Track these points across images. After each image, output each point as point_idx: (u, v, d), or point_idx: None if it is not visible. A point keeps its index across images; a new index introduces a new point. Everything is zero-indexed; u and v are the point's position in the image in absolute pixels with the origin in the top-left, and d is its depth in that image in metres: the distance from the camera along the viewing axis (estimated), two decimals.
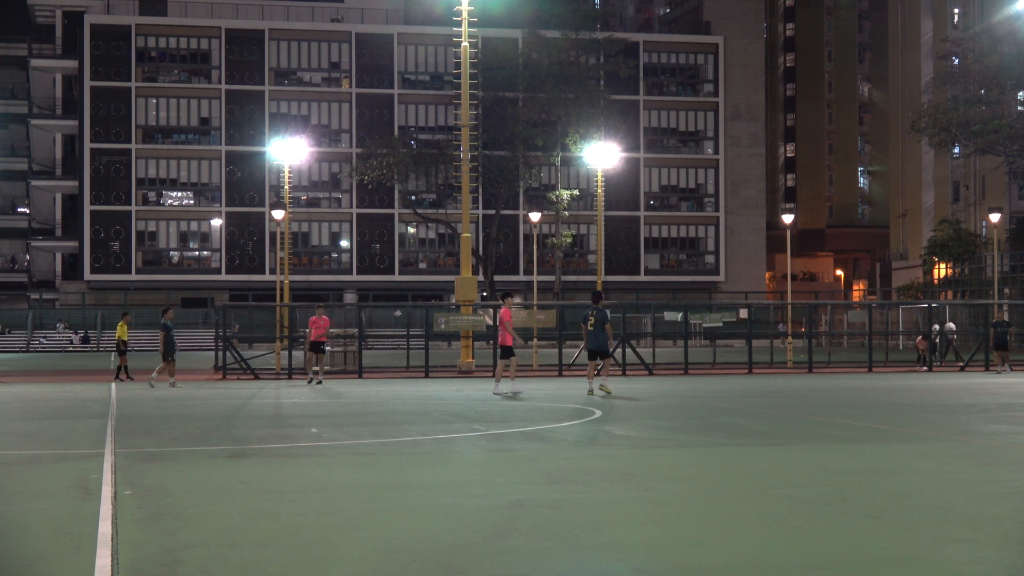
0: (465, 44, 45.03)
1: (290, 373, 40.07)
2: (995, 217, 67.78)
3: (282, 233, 69.84)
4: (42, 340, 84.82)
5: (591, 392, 27.76)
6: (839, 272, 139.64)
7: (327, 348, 37.68)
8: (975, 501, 11.28)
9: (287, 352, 42.48)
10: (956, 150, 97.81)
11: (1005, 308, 45.80)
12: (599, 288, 41.26)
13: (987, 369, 43.34)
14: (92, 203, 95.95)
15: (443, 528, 9.76)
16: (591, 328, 28.13)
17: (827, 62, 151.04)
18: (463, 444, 17.05)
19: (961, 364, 45.98)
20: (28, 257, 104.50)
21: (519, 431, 18.78)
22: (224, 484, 12.67)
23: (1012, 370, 42.05)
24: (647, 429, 19.46)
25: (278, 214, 64.04)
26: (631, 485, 12.49)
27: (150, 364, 39.16)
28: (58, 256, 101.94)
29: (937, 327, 49.28)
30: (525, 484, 12.49)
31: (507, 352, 29.08)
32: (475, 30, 45.58)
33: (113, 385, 34.23)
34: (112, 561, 8.35)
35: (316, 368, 36.00)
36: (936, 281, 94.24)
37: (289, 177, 69.65)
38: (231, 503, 11.30)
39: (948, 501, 11.33)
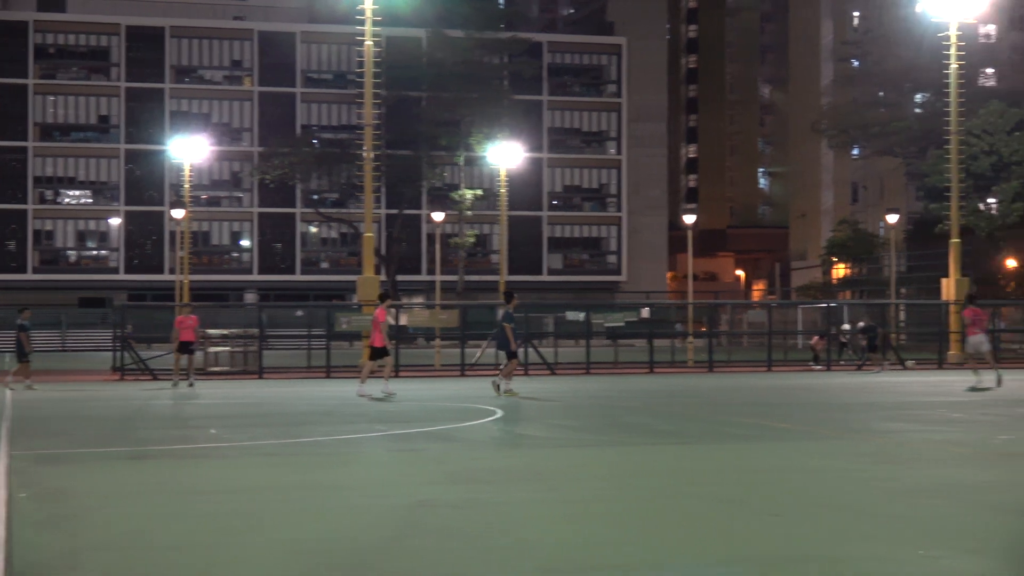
0: (369, 43, 44.90)
1: (188, 373, 39.75)
2: (893, 218, 68.71)
3: (182, 232, 69.32)
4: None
5: (509, 393, 27.65)
6: (740, 272, 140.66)
7: (195, 349, 36.24)
8: (873, 498, 11.43)
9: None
10: (855, 151, 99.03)
11: (866, 314, 46.31)
12: (503, 288, 41.33)
13: (859, 369, 44.13)
14: None
15: (349, 529, 9.74)
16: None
17: (729, 64, 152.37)
18: (366, 444, 17.06)
19: (859, 363, 46.55)
20: None
21: (423, 431, 18.78)
22: (126, 486, 12.56)
23: (884, 370, 42.59)
24: (551, 428, 19.54)
25: (178, 213, 63.56)
26: (537, 485, 12.53)
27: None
28: None
29: (848, 327, 49.87)
30: (430, 484, 12.49)
31: (379, 353, 28.36)
32: (379, 29, 45.49)
33: (9, 386, 33.75)
34: (7, 564, 8.23)
35: (184, 369, 35.02)
36: (835, 281, 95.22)
37: (190, 176, 69.15)
38: (134, 505, 11.18)
39: (847, 498, 11.48)
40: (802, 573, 8.09)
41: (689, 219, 68.04)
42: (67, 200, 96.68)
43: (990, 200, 74.62)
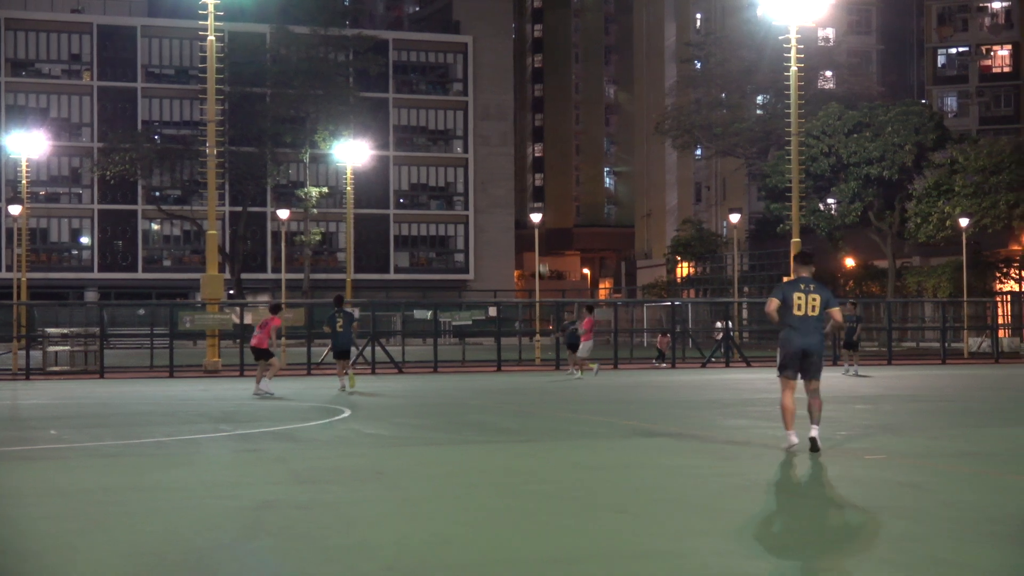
0: (211, 38, 44.45)
1: (27, 374, 39.08)
2: (735, 217, 69.74)
3: (19, 229, 67.98)
4: None
5: (343, 389, 27.76)
6: (586, 271, 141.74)
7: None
8: (716, 494, 11.60)
9: (24, 352, 41.47)
10: (699, 152, 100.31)
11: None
12: (346, 288, 41.18)
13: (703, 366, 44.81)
14: None
15: (190, 530, 9.62)
16: (340, 329, 28.13)
17: (574, 64, 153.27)
18: (210, 445, 16.87)
19: (703, 361, 47.18)
20: None
21: (267, 431, 18.66)
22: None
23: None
24: (397, 427, 19.54)
25: (15, 209, 62.30)
26: (381, 484, 12.52)
27: None
28: None
29: (720, 324, 50.70)
30: (273, 484, 12.41)
31: (264, 355, 28.29)
32: (222, 24, 45.15)
33: None
34: None
35: None
36: (679, 279, 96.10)
37: (27, 171, 67.80)
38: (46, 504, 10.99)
39: (691, 494, 11.65)
40: (646, 569, 8.17)
41: (536, 217, 68.22)
42: None
43: (829, 200, 75.92)
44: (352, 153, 65.56)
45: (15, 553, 8.78)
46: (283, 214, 71.43)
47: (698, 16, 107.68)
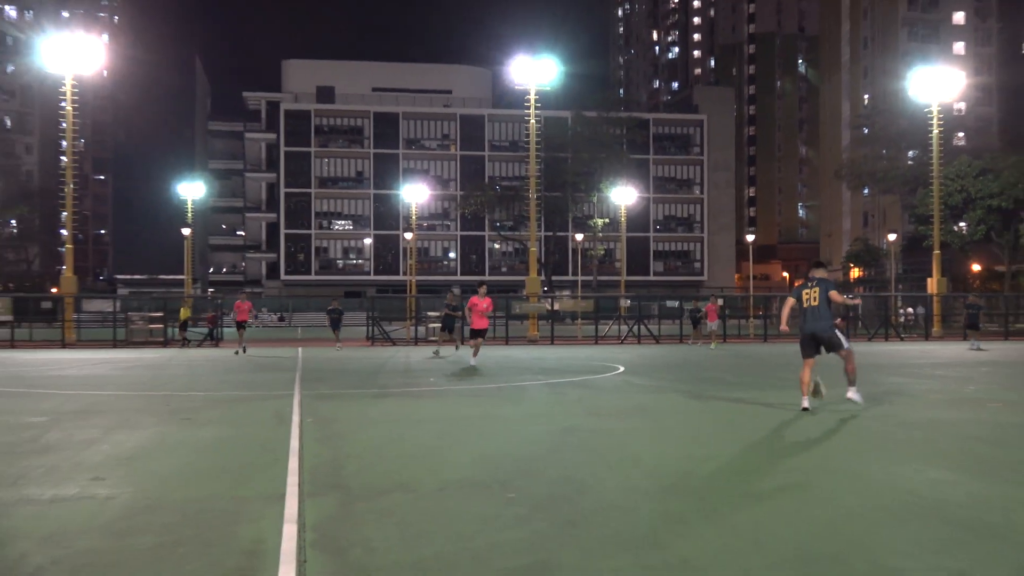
0: (532, 121, 45.02)
1: (416, 341, 40.20)
2: (892, 236, 67.30)
3: (411, 248, 70.23)
4: (257, 316, 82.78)
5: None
6: (785, 274, 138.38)
7: (248, 325, 32.70)
8: (884, 430, 11.05)
9: (413, 327, 42.70)
10: (866, 191, 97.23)
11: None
12: (620, 286, 40.71)
13: (887, 340, 42.82)
14: (286, 228, 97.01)
15: (518, 446, 9.71)
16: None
17: (777, 131, 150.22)
18: (531, 389, 16.99)
19: (868, 336, 45.37)
20: (243, 264, 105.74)
21: (569, 380, 18.70)
22: (371, 415, 12.70)
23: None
24: (657, 379, 19.29)
25: (408, 235, 64.12)
26: (646, 417, 12.38)
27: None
28: (263, 263, 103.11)
29: (911, 310, 49.26)
30: (573, 416, 12.41)
31: (477, 333, 24.27)
32: (539, 111, 45.58)
33: (300, 349, 34.39)
34: (300, 465, 8.38)
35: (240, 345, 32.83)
36: (852, 280, 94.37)
37: (416, 210, 70.11)
38: (376, 428, 11.30)
39: (863, 428, 11.12)
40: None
41: (750, 237, 66.97)
42: (336, 227, 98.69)
43: (961, 223, 73.07)
44: (625, 196, 65.43)
45: (407, 457, 8.99)
46: (579, 237, 71.93)
47: (866, 96, 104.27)
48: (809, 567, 5.22)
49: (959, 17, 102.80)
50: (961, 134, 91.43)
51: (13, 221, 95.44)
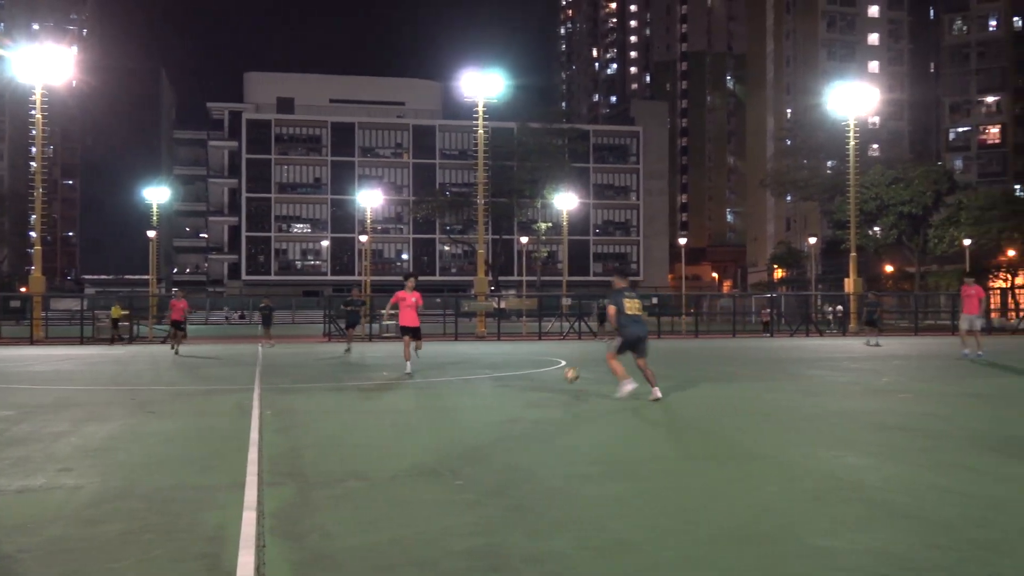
0: (480, 131, 45.00)
1: (370, 338, 39.90)
2: (812, 240, 68.19)
3: (366, 251, 69.82)
4: (225, 317, 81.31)
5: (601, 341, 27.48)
6: (715, 275, 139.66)
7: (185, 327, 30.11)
8: (807, 419, 11.19)
9: (368, 325, 42.37)
10: (788, 198, 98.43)
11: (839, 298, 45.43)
12: (562, 286, 40.82)
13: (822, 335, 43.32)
14: (247, 231, 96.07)
15: (465, 434, 9.68)
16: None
17: (707, 142, 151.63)
18: (478, 383, 16.93)
19: (791, 330, 45.93)
20: (207, 265, 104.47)
21: (513, 374, 18.68)
22: (327, 407, 12.62)
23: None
24: (595, 372, 19.27)
25: (363, 238, 63.68)
26: (585, 405, 12.37)
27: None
28: (225, 264, 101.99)
29: (839, 307, 49.85)
30: (515, 407, 12.37)
31: (407, 331, 18.99)
32: (487, 122, 45.55)
33: (260, 345, 34.03)
34: (259, 455, 8.29)
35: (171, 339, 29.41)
36: (776, 280, 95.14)
37: (371, 215, 69.63)
38: (332, 419, 11.23)
39: (787, 417, 11.26)
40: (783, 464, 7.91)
41: (682, 241, 67.55)
42: (295, 230, 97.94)
43: (875, 228, 74.21)
44: (567, 201, 65.59)
45: (363, 446, 8.93)
46: (524, 240, 71.98)
47: (788, 110, 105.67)
48: (740, 546, 5.26)
49: (873, 38, 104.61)
50: (875, 146, 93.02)
51: None
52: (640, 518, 5.92)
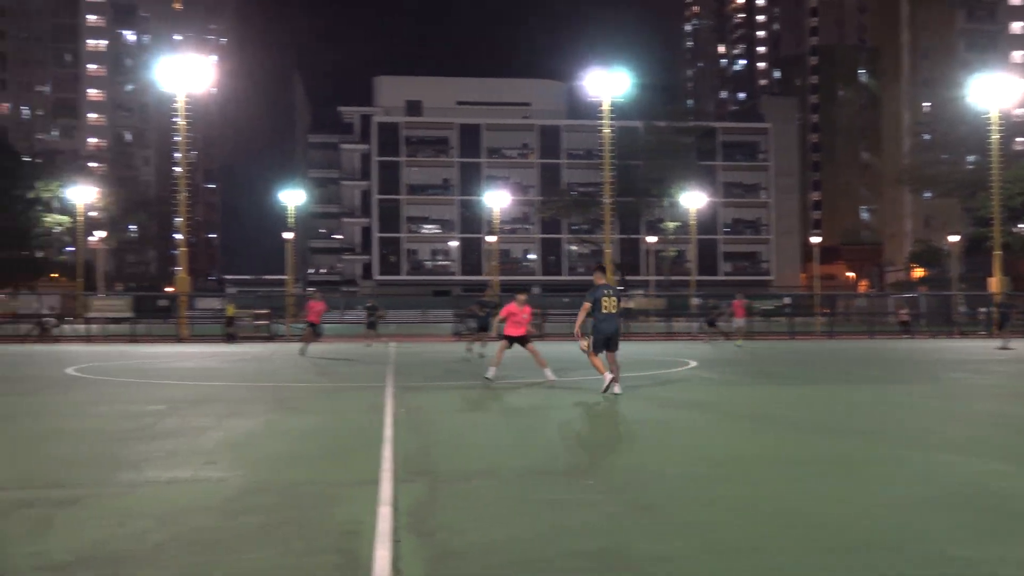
0: (607, 131, 44.87)
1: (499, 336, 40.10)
2: (953, 238, 65.62)
3: (493, 250, 70.39)
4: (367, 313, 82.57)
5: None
6: (850, 274, 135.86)
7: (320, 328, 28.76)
8: (943, 423, 10.84)
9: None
10: (927, 194, 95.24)
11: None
12: (689, 286, 40.26)
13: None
14: (379, 232, 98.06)
15: (586, 433, 9.63)
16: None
17: (839, 138, 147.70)
18: (598, 384, 16.80)
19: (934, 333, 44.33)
20: (340, 265, 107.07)
21: (642, 374, 18.54)
22: (456, 406, 12.80)
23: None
24: (725, 374, 19.05)
25: (491, 238, 64.31)
26: (705, 410, 12.23)
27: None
28: (358, 265, 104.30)
29: (983, 309, 48.26)
30: (647, 409, 12.31)
31: (508, 339, 17.86)
32: (613, 121, 45.38)
33: (393, 344, 34.64)
34: (393, 451, 8.50)
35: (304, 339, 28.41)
36: (914, 279, 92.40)
37: (498, 215, 70.32)
38: (460, 418, 11.42)
39: (926, 423, 10.92)
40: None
41: (815, 240, 65.87)
42: (424, 231, 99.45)
43: (1020, 225, 71.08)
44: (695, 200, 64.87)
45: (492, 445, 9.07)
46: (651, 239, 71.44)
47: (926, 104, 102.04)
48: (871, 552, 5.15)
49: (1016, 27, 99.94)
50: (1020, 139, 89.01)
51: (133, 227, 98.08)
52: (757, 521, 5.85)
